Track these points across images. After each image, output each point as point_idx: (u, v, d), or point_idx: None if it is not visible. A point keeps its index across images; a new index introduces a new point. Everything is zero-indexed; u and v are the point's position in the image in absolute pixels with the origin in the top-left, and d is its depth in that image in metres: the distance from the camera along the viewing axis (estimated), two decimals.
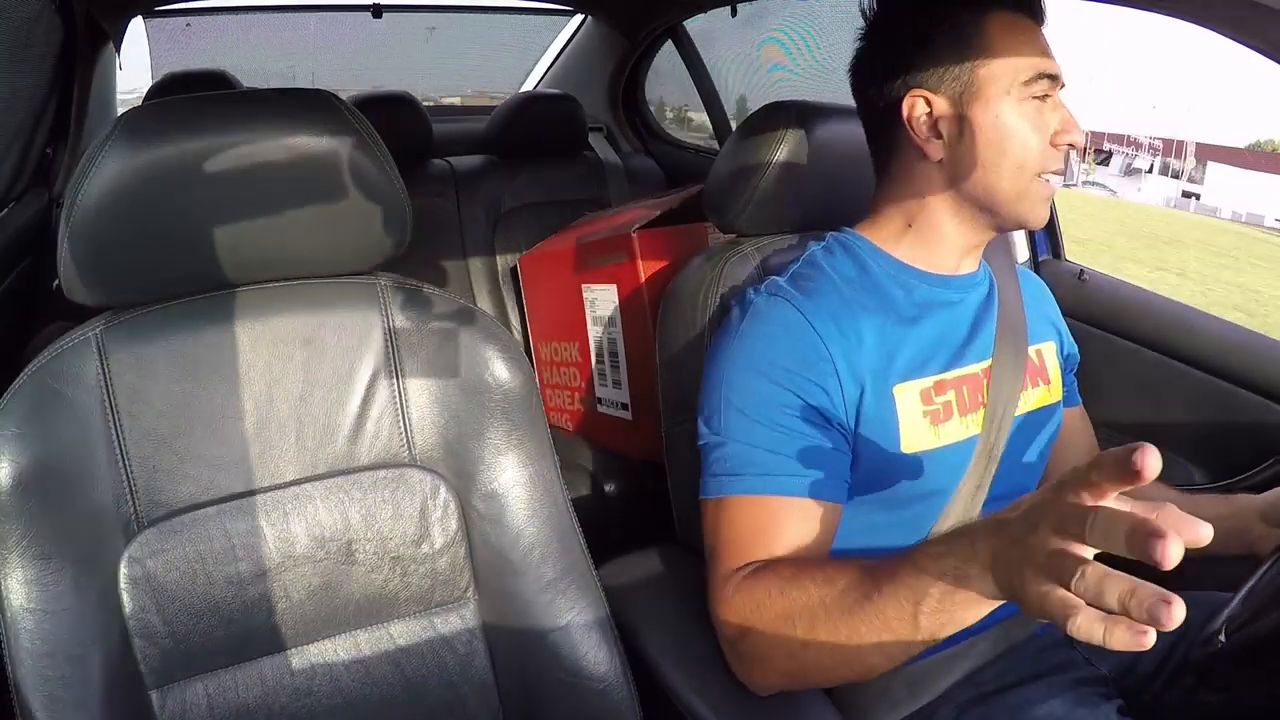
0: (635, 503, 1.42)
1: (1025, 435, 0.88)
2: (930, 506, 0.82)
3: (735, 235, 1.03)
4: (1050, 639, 0.90)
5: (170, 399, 0.74)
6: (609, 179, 2.13)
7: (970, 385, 0.83)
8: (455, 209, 1.98)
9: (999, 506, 0.85)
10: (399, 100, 1.98)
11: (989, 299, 0.89)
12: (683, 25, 2.13)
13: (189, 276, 0.75)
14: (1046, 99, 0.78)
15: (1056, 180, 0.81)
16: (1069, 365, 0.99)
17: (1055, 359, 0.94)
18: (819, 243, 0.88)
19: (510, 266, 1.91)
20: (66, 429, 0.70)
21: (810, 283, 0.83)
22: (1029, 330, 0.90)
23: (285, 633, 0.77)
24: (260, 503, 0.76)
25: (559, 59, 2.52)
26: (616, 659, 0.81)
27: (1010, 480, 0.87)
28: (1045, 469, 0.94)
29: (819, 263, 0.86)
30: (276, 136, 0.73)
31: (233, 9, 2.36)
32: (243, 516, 0.75)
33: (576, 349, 1.50)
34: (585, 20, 2.38)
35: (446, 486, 0.81)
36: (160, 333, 0.74)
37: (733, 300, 0.87)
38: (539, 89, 2.53)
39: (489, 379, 0.82)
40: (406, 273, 0.84)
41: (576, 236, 1.50)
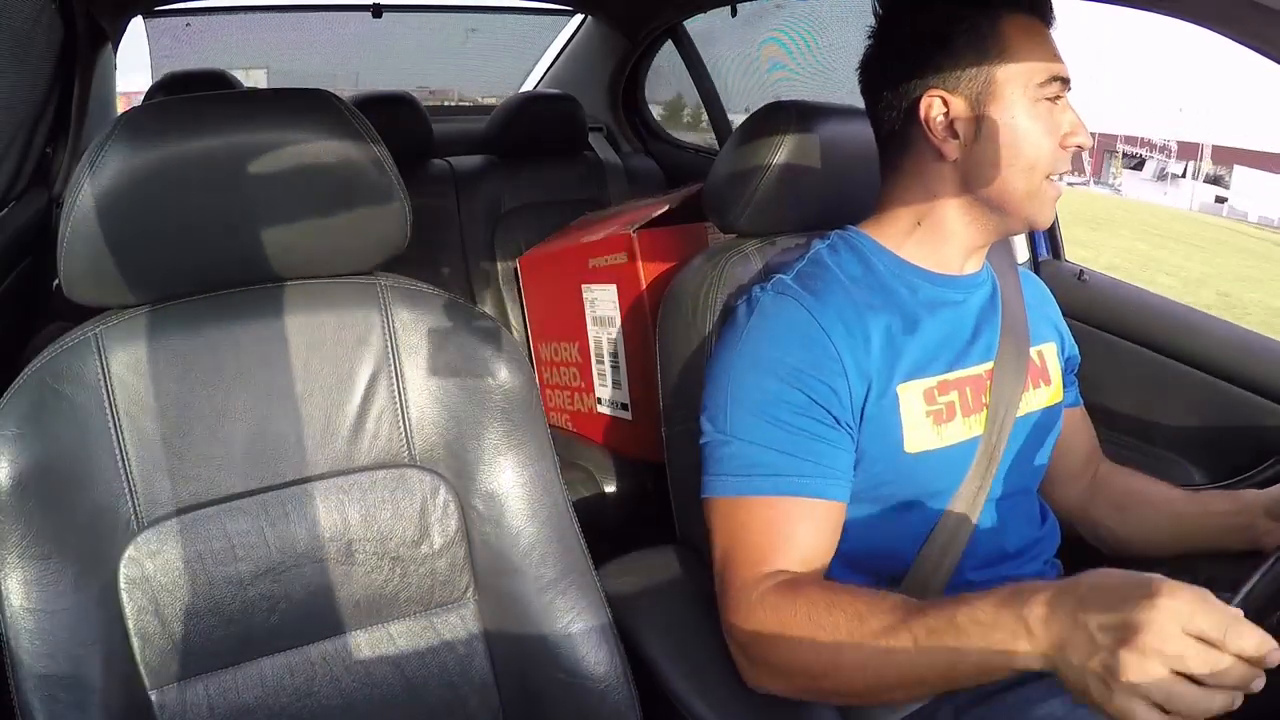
0: (635, 503, 1.42)
1: (1027, 436, 0.88)
2: (932, 507, 0.82)
3: (735, 235, 1.02)
4: None
5: (170, 399, 0.74)
6: (609, 179, 2.13)
7: (973, 386, 0.83)
8: (455, 209, 1.98)
9: (1000, 507, 0.86)
10: (399, 100, 1.98)
11: (992, 300, 0.89)
12: (683, 25, 2.13)
13: (189, 276, 0.75)
14: (1057, 101, 0.79)
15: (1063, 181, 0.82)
16: (1069, 367, 0.99)
17: (1056, 360, 0.94)
18: (824, 241, 0.88)
19: (510, 266, 1.90)
20: (66, 429, 0.70)
21: (817, 281, 0.83)
22: (1030, 331, 0.90)
23: (285, 633, 0.77)
24: (260, 503, 0.76)
25: (559, 59, 2.52)
26: (617, 659, 0.81)
27: (1012, 481, 0.86)
28: (1046, 470, 0.94)
29: (825, 261, 0.85)
30: (276, 136, 0.73)
31: (232, 9, 2.36)
32: (243, 516, 0.75)
33: (576, 349, 1.50)
34: (585, 20, 2.38)
35: (446, 487, 0.81)
36: (160, 333, 0.74)
37: (738, 299, 0.87)
38: (539, 89, 2.53)
39: (489, 379, 0.82)
40: (406, 273, 0.84)
41: (576, 236, 1.50)
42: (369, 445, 0.80)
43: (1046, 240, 1.42)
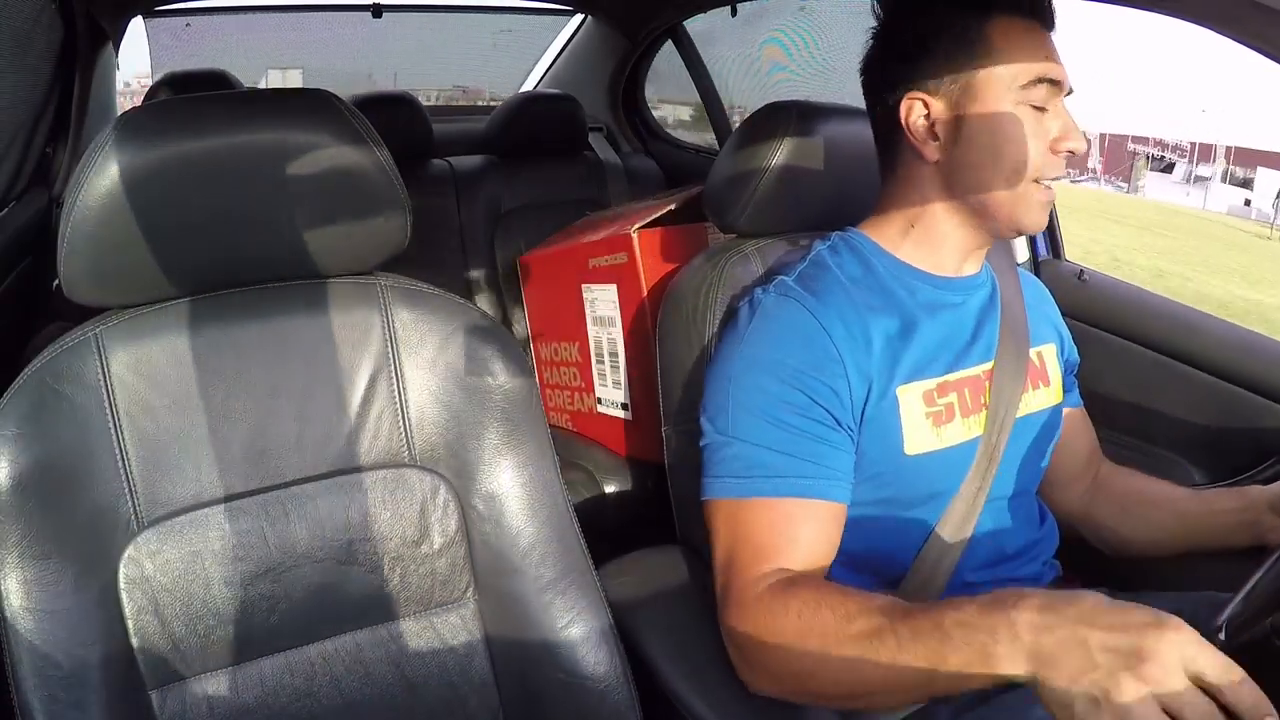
0: (635, 503, 1.42)
1: (1026, 437, 0.88)
2: (932, 508, 0.82)
3: (735, 235, 1.02)
4: None
5: (170, 399, 0.74)
6: (609, 179, 2.13)
7: (972, 387, 0.83)
8: (455, 209, 1.98)
9: (999, 508, 0.86)
10: (399, 100, 1.98)
11: (991, 301, 0.89)
12: (683, 25, 2.13)
13: (189, 276, 0.75)
14: (1047, 104, 0.77)
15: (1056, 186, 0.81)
16: (1069, 368, 0.99)
17: (1056, 361, 0.94)
18: (824, 242, 0.88)
19: (510, 266, 1.90)
20: (66, 429, 0.70)
21: (818, 283, 0.83)
22: (1030, 332, 0.90)
23: (285, 633, 0.77)
24: (260, 503, 0.76)
25: (559, 59, 2.52)
26: (617, 660, 0.81)
27: (1011, 482, 0.86)
28: (1047, 472, 0.94)
29: (826, 263, 0.86)
30: (276, 137, 0.73)
31: (232, 9, 2.37)
32: (243, 517, 0.75)
33: (576, 349, 1.50)
34: (585, 20, 2.38)
35: (446, 487, 0.81)
36: (160, 333, 0.74)
37: (739, 300, 0.87)
38: (539, 89, 2.53)
39: (489, 379, 0.82)
40: (406, 273, 0.84)
41: (576, 236, 1.50)
42: (369, 445, 0.80)
43: (1046, 240, 1.42)
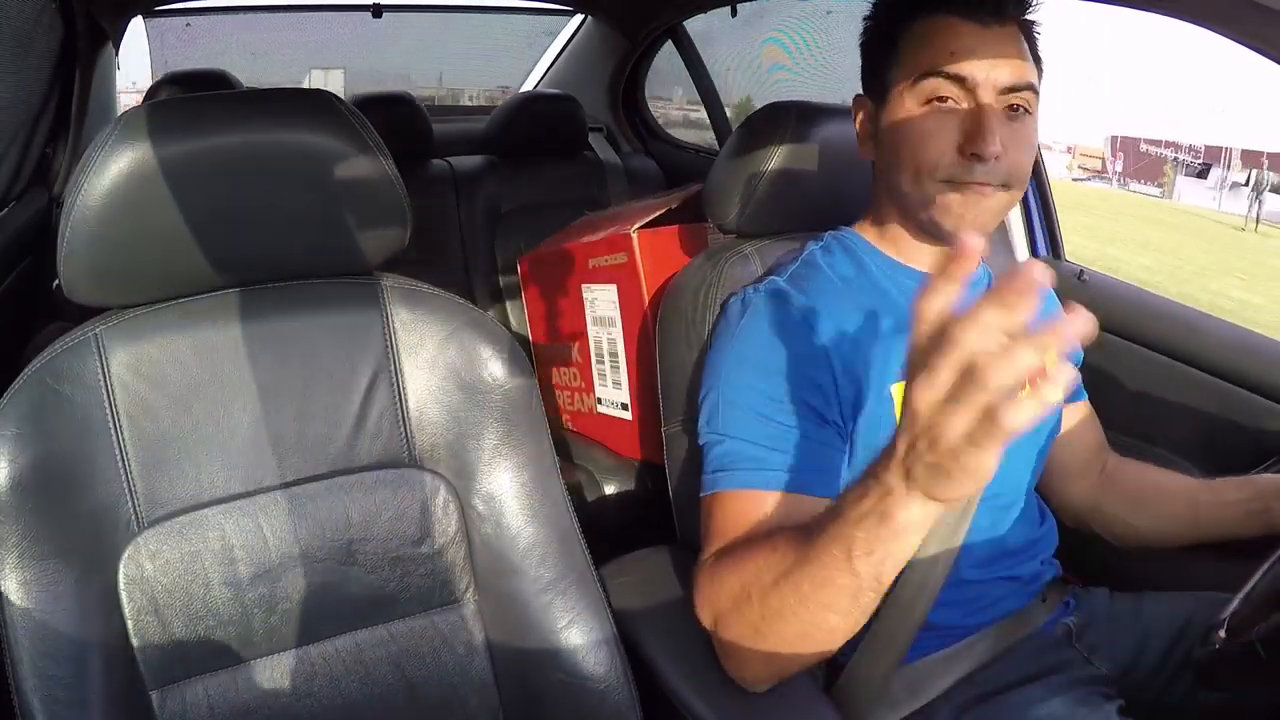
0: (635, 503, 1.42)
1: (1023, 436, 0.87)
2: None
3: (735, 235, 1.03)
4: (1050, 639, 0.90)
5: (170, 399, 0.74)
6: (609, 179, 2.13)
7: None
8: (455, 209, 1.98)
9: (997, 506, 0.86)
10: (399, 100, 1.98)
11: None
12: (683, 25, 2.13)
13: (189, 276, 0.75)
14: (962, 102, 0.75)
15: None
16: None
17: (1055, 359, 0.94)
18: (817, 242, 0.89)
19: (510, 266, 1.90)
20: (66, 429, 0.70)
21: (809, 282, 0.83)
22: None
23: (285, 633, 0.77)
24: (260, 503, 0.76)
25: (559, 59, 2.52)
26: (617, 660, 0.81)
27: (1008, 481, 0.87)
28: (1053, 468, 0.94)
29: (817, 262, 0.86)
30: (276, 137, 0.73)
31: (232, 9, 2.37)
32: (243, 517, 0.75)
33: (576, 349, 1.50)
34: (585, 20, 2.38)
35: (446, 487, 0.81)
36: (160, 333, 0.74)
37: (732, 300, 0.87)
38: (539, 89, 2.53)
39: (489, 379, 0.82)
40: (406, 273, 0.84)
41: (577, 236, 1.50)
42: (369, 445, 0.80)
43: (1046, 240, 1.42)
